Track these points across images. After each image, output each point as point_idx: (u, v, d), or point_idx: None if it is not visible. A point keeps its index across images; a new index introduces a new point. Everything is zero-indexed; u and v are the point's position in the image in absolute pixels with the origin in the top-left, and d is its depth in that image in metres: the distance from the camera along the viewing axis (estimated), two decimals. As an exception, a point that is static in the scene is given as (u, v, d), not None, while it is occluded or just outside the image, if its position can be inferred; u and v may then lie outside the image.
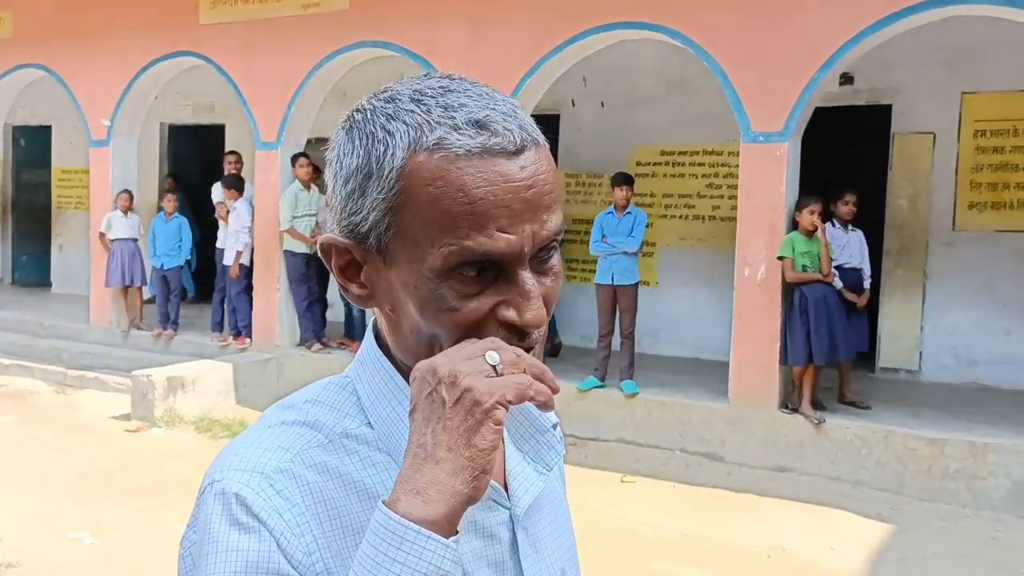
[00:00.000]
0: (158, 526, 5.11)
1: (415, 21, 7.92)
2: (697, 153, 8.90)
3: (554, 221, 0.79)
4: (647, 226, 7.48)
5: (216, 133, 11.49)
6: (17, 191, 13.43)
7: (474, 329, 0.77)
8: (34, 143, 13.29)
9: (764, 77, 6.54)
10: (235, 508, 0.75)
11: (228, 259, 8.83)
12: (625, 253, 7.16)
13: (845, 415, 6.53)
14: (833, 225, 6.90)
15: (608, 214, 7.33)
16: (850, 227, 7.02)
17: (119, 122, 9.65)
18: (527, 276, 0.78)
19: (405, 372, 0.83)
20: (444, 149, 0.75)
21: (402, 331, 0.82)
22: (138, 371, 7.80)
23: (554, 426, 0.96)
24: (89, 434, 7.28)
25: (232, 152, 9.65)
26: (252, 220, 8.80)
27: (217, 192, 9.25)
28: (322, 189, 8.77)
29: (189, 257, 9.57)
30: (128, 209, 9.51)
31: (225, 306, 9.12)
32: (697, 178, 8.94)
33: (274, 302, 8.67)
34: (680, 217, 9.05)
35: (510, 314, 0.77)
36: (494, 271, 0.77)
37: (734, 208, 7.49)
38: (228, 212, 8.93)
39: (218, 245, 9.16)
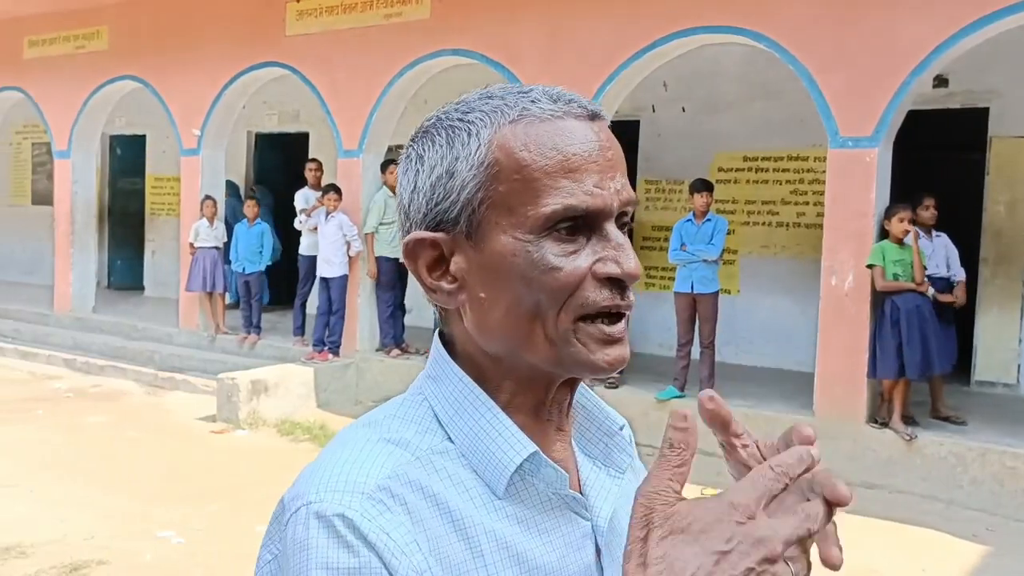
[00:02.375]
0: (241, 527, 5.21)
1: (495, 28, 7.94)
2: (781, 159, 8.70)
3: (630, 188, 0.81)
4: (728, 233, 7.34)
5: (300, 141, 11.75)
6: (113, 198, 13.97)
7: (576, 290, 0.78)
8: (129, 152, 13.81)
9: (853, 80, 6.34)
10: (341, 530, 0.71)
11: (328, 271, 8.68)
12: (705, 261, 7.04)
13: (938, 431, 6.28)
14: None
15: (687, 221, 7.21)
16: (934, 233, 6.74)
17: (208, 132, 9.94)
18: (617, 230, 0.80)
19: (488, 377, 0.83)
20: (528, 116, 0.79)
21: (497, 315, 0.79)
22: (223, 374, 8.00)
23: (621, 427, 0.93)
24: (177, 435, 7.49)
25: (313, 160, 9.82)
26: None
27: (301, 199, 9.43)
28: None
29: (270, 263, 9.73)
30: (213, 217, 9.76)
31: (305, 312, 9.26)
32: (781, 184, 8.74)
33: (354, 308, 8.79)
34: (763, 224, 8.86)
35: (610, 268, 0.78)
36: (586, 230, 0.79)
37: (819, 215, 7.30)
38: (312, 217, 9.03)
39: (302, 252, 9.31)
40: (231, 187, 11.82)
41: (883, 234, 6.33)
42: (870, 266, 6.25)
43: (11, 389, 9.04)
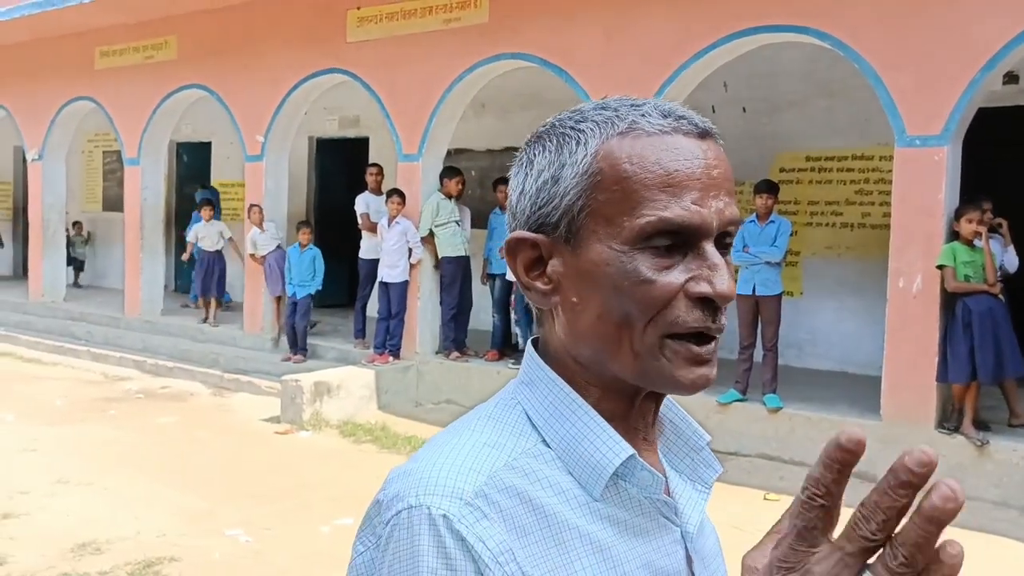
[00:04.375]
0: (307, 526, 5.31)
1: (553, 31, 7.95)
2: (845, 158, 8.54)
3: (735, 208, 0.82)
4: (791, 235, 7.23)
5: (360, 146, 11.91)
6: (179, 203, 14.32)
7: (667, 306, 0.78)
8: (195, 158, 14.16)
9: (921, 78, 6.20)
10: (443, 535, 0.73)
11: (390, 276, 8.76)
12: (768, 263, 6.95)
13: (1011, 436, 6.10)
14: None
15: (750, 222, 7.13)
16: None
17: (272, 138, 10.14)
18: (714, 250, 0.79)
19: (577, 381, 0.84)
20: (636, 130, 0.80)
21: (587, 321, 0.81)
22: (287, 376, 8.14)
23: (708, 443, 0.93)
24: (242, 435, 7.65)
25: (373, 164, 9.95)
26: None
27: (361, 203, 9.55)
28: (462, 200, 8.90)
29: (320, 287, 9.69)
30: (261, 223, 9.89)
31: (366, 314, 9.36)
32: (845, 184, 8.58)
33: (414, 311, 8.87)
34: (827, 225, 8.71)
35: (702, 287, 0.78)
36: (682, 248, 0.79)
37: (886, 215, 7.15)
38: (377, 224, 9.09)
39: (362, 255, 9.42)
40: (212, 192, 12.57)
41: (952, 235, 6.18)
42: (940, 267, 6.10)
43: (86, 389, 9.34)
